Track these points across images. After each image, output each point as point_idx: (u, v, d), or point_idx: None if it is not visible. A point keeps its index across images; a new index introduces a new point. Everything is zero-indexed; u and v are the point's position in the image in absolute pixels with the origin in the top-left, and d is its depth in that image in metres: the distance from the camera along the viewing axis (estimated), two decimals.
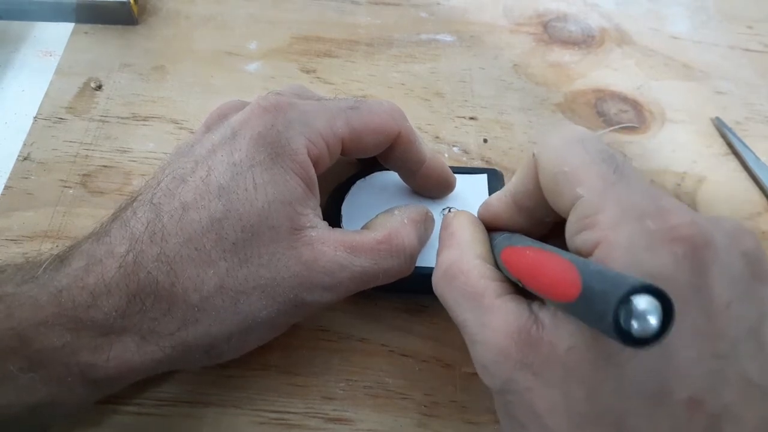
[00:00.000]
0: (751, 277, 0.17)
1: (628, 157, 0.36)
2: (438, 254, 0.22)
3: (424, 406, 0.26)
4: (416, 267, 0.26)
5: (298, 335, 0.28)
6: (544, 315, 0.17)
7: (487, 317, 0.18)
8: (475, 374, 0.27)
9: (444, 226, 0.23)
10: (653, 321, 0.13)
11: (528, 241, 0.20)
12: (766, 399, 0.16)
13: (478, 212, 0.24)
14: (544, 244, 0.19)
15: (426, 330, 0.29)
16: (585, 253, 0.17)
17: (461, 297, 0.20)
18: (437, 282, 0.21)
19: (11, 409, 0.20)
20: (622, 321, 0.13)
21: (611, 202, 0.17)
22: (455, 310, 0.20)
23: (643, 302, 0.13)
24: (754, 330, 0.16)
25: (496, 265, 0.21)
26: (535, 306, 0.18)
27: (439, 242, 0.23)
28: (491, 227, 0.24)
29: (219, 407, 0.26)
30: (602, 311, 0.13)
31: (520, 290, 0.19)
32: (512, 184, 0.22)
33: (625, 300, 0.13)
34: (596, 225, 0.17)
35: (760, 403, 0.16)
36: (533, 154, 0.20)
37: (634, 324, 0.13)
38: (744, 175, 0.36)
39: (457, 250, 0.21)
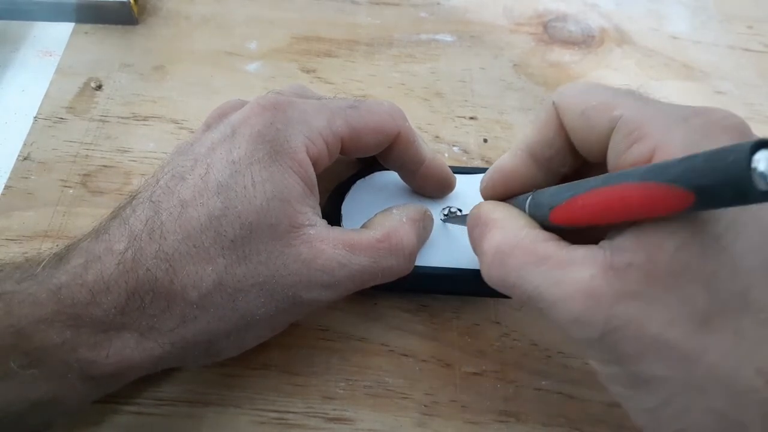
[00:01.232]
0: None
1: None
2: (477, 248, 0.22)
3: (424, 405, 0.26)
4: (416, 266, 0.26)
5: (297, 335, 0.28)
6: (622, 239, 0.17)
7: (561, 273, 0.18)
8: (475, 374, 0.27)
9: (472, 224, 0.23)
10: None
11: (573, 187, 0.19)
12: None
13: (488, 178, 0.23)
14: (594, 178, 0.19)
15: (426, 330, 0.29)
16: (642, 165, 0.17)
17: (523, 269, 0.19)
18: (491, 272, 0.20)
19: (13, 406, 0.20)
20: (757, 182, 0.13)
21: (652, 114, 0.18)
22: (521, 286, 0.19)
23: (763, 155, 0.13)
24: None
25: (544, 228, 0.20)
26: (604, 243, 0.18)
27: (473, 239, 0.22)
28: (502, 193, 0.23)
29: (219, 407, 0.26)
30: (729, 187, 0.13)
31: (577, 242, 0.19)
32: (528, 138, 0.22)
33: (749, 159, 0.13)
34: (644, 136, 0.17)
35: None
36: (552, 103, 0.21)
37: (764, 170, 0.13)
38: None
39: (499, 231, 0.21)
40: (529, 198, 0.21)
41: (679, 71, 0.40)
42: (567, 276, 0.18)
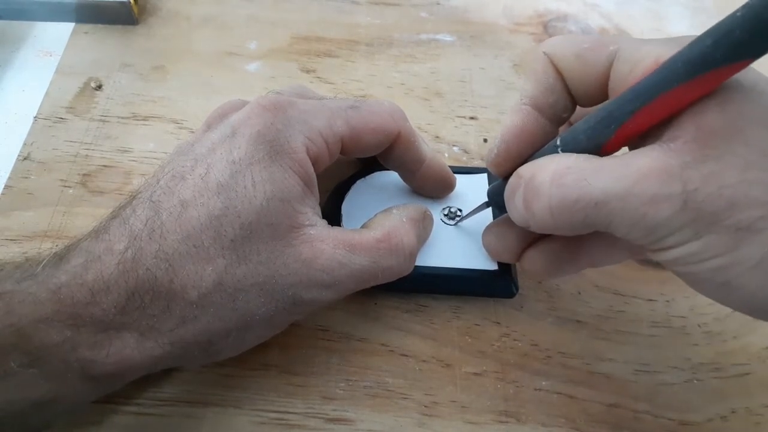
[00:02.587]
0: None
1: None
2: (527, 197, 0.20)
3: (424, 406, 0.26)
4: (416, 266, 0.26)
5: (297, 335, 0.28)
6: (668, 132, 0.18)
7: (625, 167, 0.18)
8: (475, 374, 0.27)
9: (512, 190, 0.21)
10: None
11: (623, 105, 0.19)
12: None
13: (499, 146, 0.23)
14: (624, 98, 0.19)
15: (426, 330, 0.29)
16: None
17: (585, 179, 0.18)
18: (551, 201, 0.19)
19: (13, 405, 0.20)
20: None
21: (648, 42, 0.19)
22: (586, 195, 0.18)
23: None
24: None
25: None
26: (648, 144, 0.18)
27: (521, 198, 0.21)
28: (517, 156, 0.23)
29: (219, 407, 0.26)
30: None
31: None
32: (528, 90, 0.22)
33: None
34: (646, 56, 0.18)
35: None
36: (543, 53, 0.21)
37: None
38: None
39: (549, 164, 0.20)
40: (558, 141, 0.21)
41: None
42: (632, 167, 0.18)
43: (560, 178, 0.19)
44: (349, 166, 0.30)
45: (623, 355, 0.28)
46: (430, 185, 0.28)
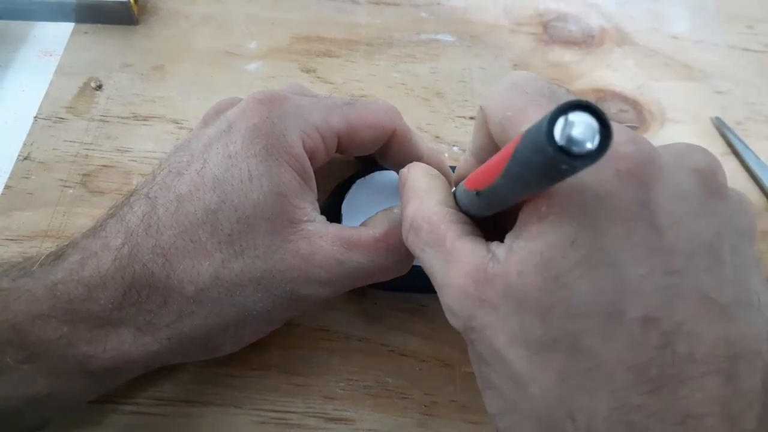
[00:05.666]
0: (705, 193, 0.17)
1: (571, 91, 0.36)
2: (402, 210, 0.22)
3: (424, 405, 0.26)
4: (415, 266, 0.26)
5: (298, 335, 0.28)
6: (500, 250, 0.17)
7: (449, 259, 0.18)
8: None
9: (401, 183, 0.23)
10: (589, 130, 0.13)
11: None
12: (723, 316, 0.16)
13: (452, 183, 0.24)
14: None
15: (426, 330, 0.29)
16: None
17: (426, 245, 0.19)
18: (406, 237, 0.21)
19: (10, 401, 0.20)
20: (557, 134, 0.13)
21: None
22: (424, 260, 0.20)
23: (574, 117, 0.13)
24: (710, 246, 0.16)
25: (459, 209, 0.21)
26: (494, 245, 0.18)
27: (401, 199, 0.22)
28: None
29: (219, 407, 0.26)
30: (536, 136, 0.13)
31: (481, 232, 0.19)
32: (470, 143, 0.22)
33: (559, 115, 0.13)
34: None
35: (717, 320, 0.15)
36: (480, 108, 0.20)
37: (572, 132, 0.13)
38: (744, 175, 0.36)
39: (417, 201, 0.21)
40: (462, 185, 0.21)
41: (679, 71, 0.40)
42: (451, 266, 0.18)
43: (413, 229, 0.20)
44: (348, 165, 0.30)
45: None
46: None
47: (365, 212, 0.26)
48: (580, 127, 0.13)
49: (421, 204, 0.20)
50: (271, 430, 0.26)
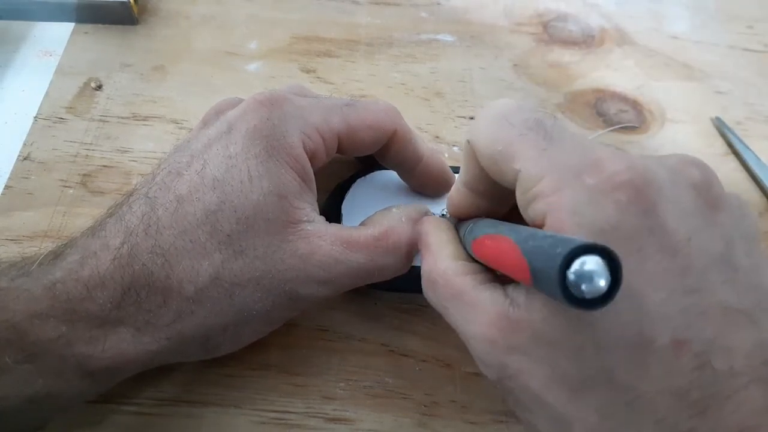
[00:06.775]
0: (705, 206, 0.17)
1: (558, 117, 0.36)
2: (422, 266, 0.22)
3: (424, 406, 0.26)
4: (415, 266, 0.26)
5: (297, 335, 0.28)
6: (518, 294, 0.17)
7: (470, 312, 0.18)
8: (476, 374, 0.27)
9: (417, 238, 0.23)
10: (599, 280, 0.13)
11: (487, 226, 0.20)
12: (750, 323, 0.15)
13: (447, 207, 0.24)
14: (503, 223, 0.19)
15: (426, 330, 0.29)
16: (539, 226, 0.17)
17: (445, 300, 0.20)
18: (426, 293, 0.21)
19: (9, 400, 0.20)
20: (570, 288, 0.13)
21: (547, 169, 0.17)
22: (445, 315, 0.20)
23: (583, 263, 0.13)
24: (722, 256, 0.16)
25: (471, 258, 0.21)
26: (510, 288, 0.18)
27: (421, 255, 0.23)
28: (460, 218, 0.24)
29: (219, 407, 0.26)
30: (551, 284, 0.13)
31: (498, 277, 0.19)
32: (461, 173, 0.22)
33: (566, 266, 0.13)
34: (539, 195, 0.17)
35: (746, 329, 0.15)
36: (467, 141, 0.20)
37: (582, 286, 0.13)
38: (744, 175, 0.36)
39: (431, 257, 0.21)
40: (469, 226, 0.22)
41: (679, 71, 0.40)
42: (473, 317, 0.18)
43: (431, 285, 0.21)
44: (348, 166, 0.30)
45: None
46: (428, 183, 0.28)
47: (365, 212, 0.26)
48: (590, 277, 0.13)
49: (435, 260, 0.21)
50: (271, 430, 0.26)
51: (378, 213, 0.26)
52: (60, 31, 0.39)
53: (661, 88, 0.39)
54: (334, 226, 0.23)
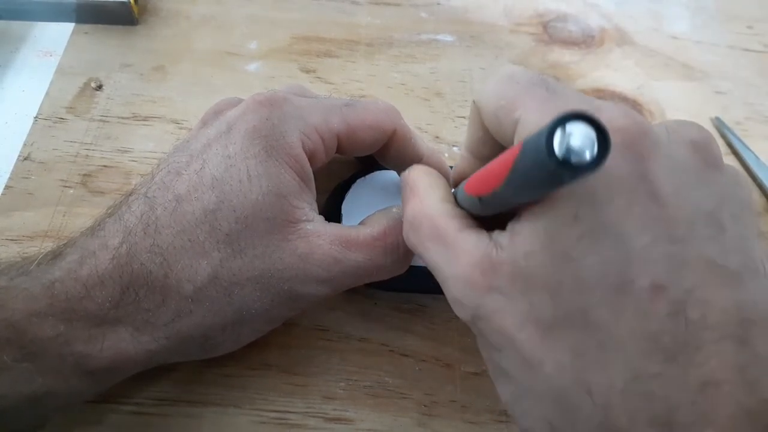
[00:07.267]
0: (701, 164, 0.17)
1: (562, 80, 0.36)
2: (403, 209, 0.22)
3: (424, 405, 0.26)
4: (414, 266, 0.26)
5: (297, 335, 0.28)
6: (503, 237, 0.17)
7: (452, 252, 0.18)
8: (476, 374, 0.27)
9: (402, 185, 0.23)
10: (588, 138, 0.13)
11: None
12: (732, 282, 0.15)
13: (452, 182, 0.24)
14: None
15: (426, 330, 0.29)
16: None
17: (428, 241, 0.19)
18: (407, 236, 0.21)
19: (8, 399, 0.20)
20: (556, 147, 0.13)
21: (547, 115, 0.17)
22: (426, 256, 0.20)
23: (572, 127, 0.13)
24: (711, 214, 0.16)
25: (459, 206, 0.21)
26: (495, 233, 0.18)
27: (402, 200, 0.23)
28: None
29: (219, 407, 0.26)
30: (536, 148, 0.13)
31: (482, 224, 0.19)
32: (466, 139, 0.22)
33: (557, 127, 0.13)
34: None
35: (727, 286, 0.15)
36: (473, 102, 0.20)
37: (571, 142, 0.13)
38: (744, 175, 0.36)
39: (417, 199, 0.21)
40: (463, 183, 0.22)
41: (679, 71, 0.40)
42: (456, 256, 0.18)
43: (415, 226, 0.20)
44: (348, 166, 0.30)
45: None
46: None
47: (365, 212, 0.26)
48: (578, 138, 0.13)
49: (420, 202, 0.21)
50: (271, 430, 0.26)
51: (378, 213, 0.26)
52: (60, 31, 0.39)
53: (661, 88, 0.39)
54: (333, 226, 0.23)
